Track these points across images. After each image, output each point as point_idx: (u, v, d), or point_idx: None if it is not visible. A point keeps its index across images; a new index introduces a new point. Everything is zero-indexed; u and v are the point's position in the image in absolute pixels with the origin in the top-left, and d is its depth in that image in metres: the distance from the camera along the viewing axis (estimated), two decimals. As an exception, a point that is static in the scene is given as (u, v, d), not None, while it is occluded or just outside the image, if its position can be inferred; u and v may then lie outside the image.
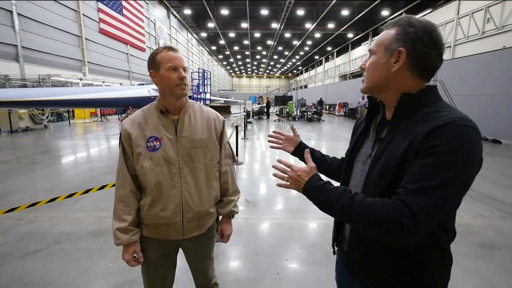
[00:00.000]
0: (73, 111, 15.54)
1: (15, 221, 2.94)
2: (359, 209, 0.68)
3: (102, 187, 2.54)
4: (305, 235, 2.79)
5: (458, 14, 14.16)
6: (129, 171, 1.11)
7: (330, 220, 3.02)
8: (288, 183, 0.83)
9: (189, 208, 1.13)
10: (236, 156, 1.32)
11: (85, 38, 16.72)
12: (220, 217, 1.32)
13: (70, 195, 2.45)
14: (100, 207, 3.33)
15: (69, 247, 2.44)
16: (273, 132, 1.20)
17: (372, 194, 0.73)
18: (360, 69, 0.70)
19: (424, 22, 0.72)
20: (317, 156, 1.12)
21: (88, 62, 17.11)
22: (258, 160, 6.07)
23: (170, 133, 1.11)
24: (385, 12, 20.79)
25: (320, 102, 18.84)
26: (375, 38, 0.84)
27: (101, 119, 15.57)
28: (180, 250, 1.28)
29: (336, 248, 1.01)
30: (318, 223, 3.03)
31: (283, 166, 0.85)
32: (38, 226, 2.83)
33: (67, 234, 2.68)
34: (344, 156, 1.04)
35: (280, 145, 1.18)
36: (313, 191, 0.77)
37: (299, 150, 1.15)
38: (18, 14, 12.25)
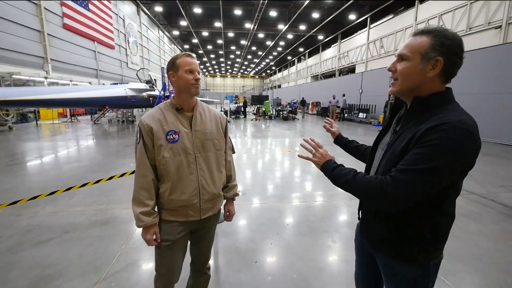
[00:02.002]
0: (38, 112, 14.55)
1: (15, 216, 3.01)
2: (358, 182, 0.89)
3: (98, 181, 2.70)
4: (291, 214, 3.24)
5: (416, 21, 15.71)
6: (149, 162, 1.27)
7: (311, 202, 3.53)
8: (311, 156, 1.09)
9: (205, 191, 1.33)
10: (234, 148, 1.63)
11: (48, 34, 15.67)
12: (224, 201, 1.54)
13: (68, 189, 2.56)
14: (98, 202, 3.48)
15: (79, 235, 2.63)
16: (327, 120, 1.54)
17: (380, 175, 0.90)
18: (389, 70, 0.93)
19: (456, 36, 0.84)
20: (356, 145, 1.39)
21: (51, 59, 16.02)
22: (238, 156, 6.44)
23: (186, 127, 1.30)
24: (352, 16, 22.19)
25: (303, 102, 19.30)
26: (406, 43, 0.90)
27: (71, 119, 14.80)
28: None
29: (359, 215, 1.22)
30: (302, 205, 3.51)
31: (315, 144, 1.10)
32: (40, 220, 2.95)
33: (73, 225, 2.85)
34: None
35: (331, 130, 1.49)
36: (329, 168, 1.01)
37: (338, 139, 1.46)
38: (-30, 6, 11.24)
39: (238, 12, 24.25)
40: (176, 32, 33.73)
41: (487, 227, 2.90)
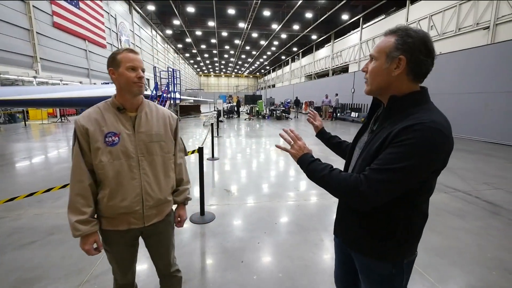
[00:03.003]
0: (27, 112, 14.27)
1: (-3, 219, 2.95)
2: (333, 178, 0.90)
3: None
4: (280, 214, 3.25)
5: (407, 21, 15.92)
6: (86, 166, 1.16)
7: (300, 201, 3.55)
8: (289, 147, 1.09)
9: (149, 196, 1.24)
10: (186, 150, 1.55)
11: (37, 32, 15.37)
12: (175, 206, 1.46)
13: (49, 190, 2.50)
14: (84, 203, 3.43)
15: (64, 237, 2.59)
16: (310, 111, 1.52)
17: (356, 173, 0.91)
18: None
19: (420, 33, 0.85)
20: (338, 141, 1.40)
21: (41, 58, 15.72)
22: (231, 156, 6.43)
23: (128, 128, 1.20)
24: (345, 16, 22.37)
25: (297, 102, 19.16)
26: (376, 44, 0.93)
27: (61, 119, 14.55)
28: (141, 243, 1.39)
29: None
30: (290, 205, 3.52)
31: (294, 136, 1.09)
32: (24, 222, 2.90)
33: (58, 227, 2.80)
34: None
35: (314, 122, 1.50)
36: (306, 162, 1.01)
37: (321, 133, 1.47)
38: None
39: (231, 11, 24.18)
40: (169, 31, 33.46)
41: (471, 223, 2.96)
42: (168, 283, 1.51)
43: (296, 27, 26.55)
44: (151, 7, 26.38)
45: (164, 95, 13.17)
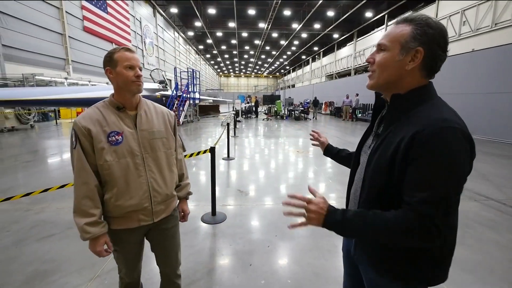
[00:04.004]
0: (59, 111, 15.26)
1: (23, 212, 3.13)
2: (387, 234, 0.73)
3: None
4: (293, 217, 3.15)
5: (436, 17, 15.03)
6: (90, 167, 1.14)
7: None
8: (305, 220, 0.83)
9: (157, 193, 1.25)
10: (184, 146, 1.55)
11: (69, 36, 16.39)
12: (177, 201, 1.46)
13: (62, 186, 2.65)
14: (103, 199, 3.55)
15: (80, 231, 2.68)
16: (313, 131, 1.44)
17: (368, 187, 0.82)
18: (366, 63, 0.74)
19: (440, 25, 0.76)
20: (348, 153, 1.28)
21: (72, 61, 16.78)
22: (248, 156, 6.40)
23: (130, 127, 1.20)
24: (368, 14, 21.59)
25: (315, 102, 18.36)
26: (387, 32, 0.82)
27: (88, 118, 15.37)
28: (147, 245, 1.39)
29: None
30: (304, 207, 3.41)
31: (300, 202, 0.82)
32: (47, 216, 3.05)
33: (76, 221, 2.91)
34: None
35: (318, 144, 1.42)
36: (337, 227, 0.79)
37: (328, 150, 1.37)
38: (-2, 11, 11.95)
39: (252, 12, 24.27)
40: (191, 33, 34.29)
41: (504, 236, 2.67)
42: None
43: (317, 26, 26.05)
44: (174, 10, 27.17)
45: (184, 95, 13.47)
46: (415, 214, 0.70)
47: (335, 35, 28.13)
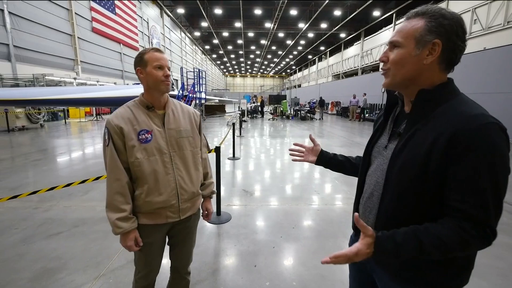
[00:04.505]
0: (68, 111, 15.53)
1: (32, 209, 3.18)
2: (443, 250, 0.68)
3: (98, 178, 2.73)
4: (298, 218, 3.12)
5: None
6: (122, 164, 1.19)
7: (320, 206, 3.38)
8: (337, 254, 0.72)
9: (183, 190, 1.29)
10: (209, 146, 1.58)
11: (78, 37, 16.69)
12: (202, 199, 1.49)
13: (83, 181, 2.65)
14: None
15: (87, 230, 2.71)
16: (294, 144, 1.27)
17: (394, 188, 0.77)
18: (380, 62, 0.68)
19: (455, 14, 0.73)
20: (340, 159, 1.18)
21: (81, 61, 17.08)
22: (253, 156, 6.38)
23: (158, 125, 1.24)
24: (376, 13, 21.32)
25: (321, 102, 17.98)
26: (398, 28, 0.79)
27: (97, 118, 15.62)
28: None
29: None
30: (310, 208, 3.37)
31: (347, 257, 0.71)
32: (54, 214, 3.09)
33: (83, 219, 2.94)
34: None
35: (302, 157, 1.24)
36: (390, 257, 0.72)
37: (321, 159, 1.21)
38: (10, 12, 12.22)
39: (258, 12, 24.24)
40: (197, 33, 34.47)
41: (519, 241, 2.59)
42: (177, 286, 1.51)
43: (324, 25, 25.86)
44: (180, 10, 27.35)
45: (190, 95, 13.53)
46: (472, 222, 0.66)
47: (342, 35, 27.87)
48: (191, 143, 1.34)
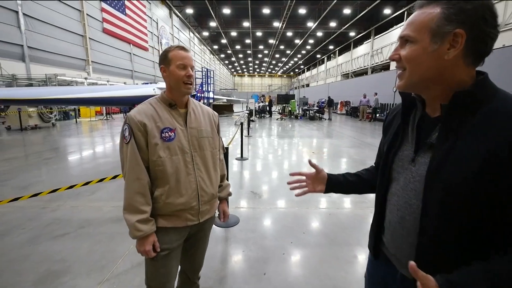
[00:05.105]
0: (79, 110, 15.80)
1: (39, 209, 3.17)
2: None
3: (114, 177, 2.69)
4: (308, 222, 2.99)
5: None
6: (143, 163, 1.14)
7: (332, 209, 3.24)
8: None
9: (204, 192, 1.24)
10: (224, 147, 1.55)
11: (89, 38, 16.97)
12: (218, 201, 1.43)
13: (87, 183, 2.61)
14: (115, 198, 3.55)
15: (92, 231, 2.66)
16: (291, 174, 1.06)
17: (438, 212, 0.63)
18: (388, 61, 0.60)
19: None
20: (351, 180, 1.01)
21: (92, 61, 17.37)
22: (261, 156, 6.27)
23: (181, 124, 1.21)
24: (387, 11, 20.86)
25: (330, 102, 17.43)
26: (409, 20, 0.66)
27: (107, 117, 15.83)
28: None
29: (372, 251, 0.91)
30: (320, 212, 3.23)
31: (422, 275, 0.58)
32: (61, 214, 3.06)
33: (89, 220, 2.90)
34: (374, 165, 1.01)
35: (305, 188, 1.03)
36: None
37: (332, 185, 1.01)
38: (24, 14, 12.50)
39: (266, 11, 24.13)
40: (205, 33, 34.62)
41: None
42: None
43: (333, 24, 25.51)
44: (189, 11, 27.50)
45: (198, 94, 13.54)
46: None
47: (352, 33, 27.44)
48: (210, 144, 1.30)
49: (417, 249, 0.69)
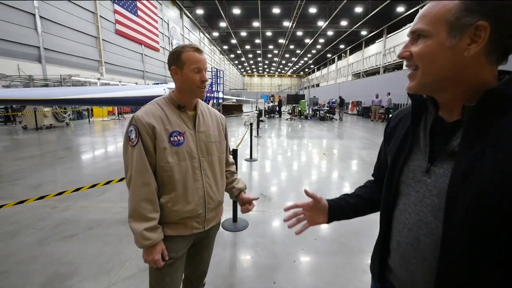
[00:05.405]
0: (92, 110, 16.15)
1: (50, 209, 3.19)
2: None
3: (122, 179, 2.66)
4: (320, 227, 2.88)
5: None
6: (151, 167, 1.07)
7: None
8: None
9: (210, 199, 1.19)
10: (230, 149, 1.49)
11: (102, 39, 17.31)
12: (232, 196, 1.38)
13: (93, 186, 2.59)
14: (125, 199, 3.53)
15: (101, 233, 2.65)
16: (285, 209, 0.92)
17: (465, 232, 0.53)
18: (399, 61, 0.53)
19: None
20: (353, 202, 0.90)
21: (105, 62, 17.71)
22: (270, 157, 6.18)
23: (190, 128, 1.14)
24: (400, 8, 20.32)
25: (341, 101, 16.88)
26: (422, 13, 0.59)
27: (118, 117, 16.11)
28: None
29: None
30: (333, 217, 3.11)
31: None
32: (71, 214, 3.07)
33: (97, 221, 2.89)
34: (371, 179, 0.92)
35: (305, 221, 0.90)
36: None
37: (334, 213, 0.88)
38: (40, 16, 12.86)
39: (276, 10, 23.99)
40: (215, 34, 34.79)
41: None
42: None
43: (344, 23, 25.10)
44: (199, 11, 27.68)
45: (208, 94, 13.57)
46: None
47: (363, 32, 26.90)
48: (218, 148, 1.24)
49: (438, 279, 0.58)
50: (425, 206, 0.61)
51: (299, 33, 30.39)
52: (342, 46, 33.67)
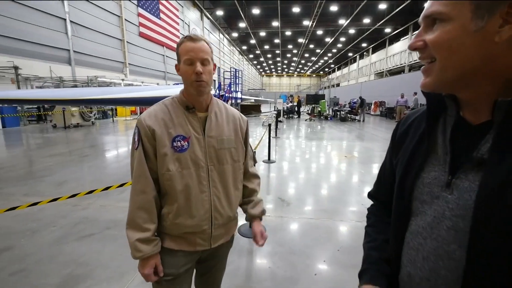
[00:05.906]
0: (116, 110, 16.80)
1: (72, 207, 3.25)
2: None
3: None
4: (343, 237, 2.69)
5: None
6: (151, 174, 0.98)
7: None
8: None
9: (218, 214, 1.04)
10: (256, 158, 1.28)
11: (127, 42, 17.99)
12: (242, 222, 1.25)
13: (121, 185, 2.62)
14: (142, 199, 3.54)
15: (118, 233, 2.63)
16: None
17: (502, 261, 0.42)
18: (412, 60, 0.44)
19: None
20: (387, 256, 0.67)
21: (129, 63, 18.39)
22: (289, 159, 6.00)
23: (197, 132, 1.01)
24: (427, 4, 19.24)
25: (362, 102, 15.93)
26: None
27: (140, 117, 16.65)
28: None
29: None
30: (356, 226, 2.89)
31: None
32: (90, 213, 3.11)
33: (115, 221, 2.89)
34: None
35: None
36: None
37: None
38: (71, 21, 13.57)
39: (296, 10, 23.67)
40: (235, 34, 35.02)
41: None
42: None
43: (366, 20, 24.25)
44: (219, 13, 27.98)
45: (226, 94, 13.61)
46: None
47: (387, 30, 25.81)
48: (233, 156, 1.08)
49: None
50: (445, 229, 0.49)
51: (319, 32, 29.79)
52: (364, 45, 32.58)
